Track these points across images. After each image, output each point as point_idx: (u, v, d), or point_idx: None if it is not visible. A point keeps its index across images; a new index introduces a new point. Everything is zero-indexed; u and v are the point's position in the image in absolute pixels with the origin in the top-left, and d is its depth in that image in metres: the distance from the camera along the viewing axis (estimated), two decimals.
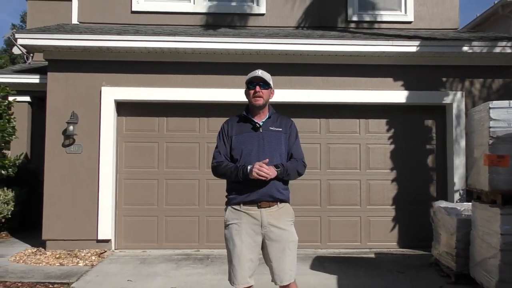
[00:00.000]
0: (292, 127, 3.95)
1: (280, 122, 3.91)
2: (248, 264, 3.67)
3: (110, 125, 8.12)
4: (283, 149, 3.82)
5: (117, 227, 8.25)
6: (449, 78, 8.49)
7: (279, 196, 3.75)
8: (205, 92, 8.25)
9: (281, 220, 3.75)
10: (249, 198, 3.70)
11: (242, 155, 3.75)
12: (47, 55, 8.24)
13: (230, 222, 3.77)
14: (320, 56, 8.28)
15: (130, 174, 8.33)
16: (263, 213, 3.70)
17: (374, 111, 8.55)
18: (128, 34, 8.01)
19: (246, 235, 3.69)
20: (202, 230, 8.30)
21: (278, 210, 3.75)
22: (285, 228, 3.75)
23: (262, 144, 3.77)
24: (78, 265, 7.19)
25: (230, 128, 3.89)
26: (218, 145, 3.90)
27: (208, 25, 9.37)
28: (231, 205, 3.81)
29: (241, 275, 3.66)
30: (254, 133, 3.82)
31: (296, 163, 3.84)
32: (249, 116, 3.87)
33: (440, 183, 8.52)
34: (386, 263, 7.39)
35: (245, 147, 3.77)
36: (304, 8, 9.61)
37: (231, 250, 3.71)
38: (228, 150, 3.84)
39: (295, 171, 3.82)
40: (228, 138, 3.86)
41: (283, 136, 3.85)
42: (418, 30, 9.49)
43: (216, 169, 3.84)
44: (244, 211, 3.72)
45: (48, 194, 8.02)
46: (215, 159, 3.87)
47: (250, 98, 3.84)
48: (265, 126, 3.84)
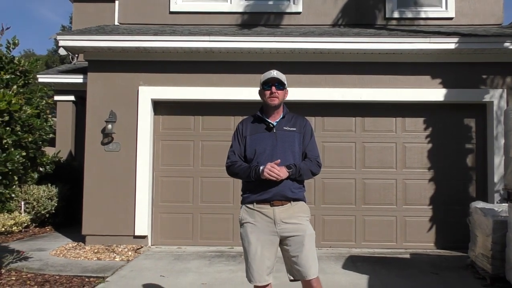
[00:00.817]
0: (307, 127, 3.93)
1: (294, 122, 3.90)
2: (264, 261, 3.67)
3: (147, 123, 8.30)
4: (296, 149, 3.81)
5: (154, 223, 8.43)
6: (489, 76, 8.26)
7: (291, 196, 3.73)
8: (239, 91, 8.31)
9: (295, 216, 3.72)
10: (262, 197, 3.71)
11: (255, 155, 3.77)
12: (87, 56, 8.50)
13: (244, 221, 3.79)
14: (356, 54, 8.21)
15: (166, 172, 8.49)
16: (276, 211, 3.69)
17: (411, 109, 8.41)
18: (164, 35, 8.16)
19: (260, 233, 3.70)
20: (236, 228, 8.32)
21: (291, 208, 3.73)
22: (299, 222, 3.72)
23: (275, 144, 3.77)
24: (115, 260, 7.39)
25: (244, 128, 3.92)
26: (233, 145, 3.94)
27: (244, 24, 9.43)
28: (245, 204, 3.83)
29: (257, 273, 3.67)
30: (268, 133, 3.82)
31: (310, 163, 3.82)
32: (263, 116, 3.89)
33: (479, 183, 8.31)
34: (420, 264, 7.27)
35: (258, 147, 3.78)
36: (341, 6, 9.54)
37: (247, 248, 3.73)
38: (243, 150, 3.87)
39: (308, 171, 3.80)
40: (243, 138, 3.89)
41: (297, 135, 3.84)
42: (459, 26, 9.27)
43: (230, 169, 3.89)
44: (257, 209, 3.73)
45: (87, 190, 8.27)
46: (229, 158, 3.91)
47: (265, 98, 3.85)
48: (279, 126, 3.84)
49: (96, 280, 6.26)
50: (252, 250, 3.69)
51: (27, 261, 7.13)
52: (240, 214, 3.84)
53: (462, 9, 9.47)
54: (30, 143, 5.56)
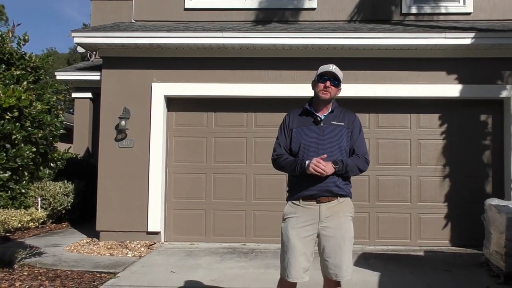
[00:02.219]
0: (356, 122, 3.85)
1: (343, 117, 3.82)
2: (302, 258, 3.64)
3: (160, 120, 8.33)
4: (343, 144, 3.73)
5: (167, 219, 8.46)
6: (507, 71, 8.10)
7: (338, 191, 3.67)
8: (252, 87, 8.30)
9: (340, 215, 3.67)
10: (308, 193, 3.66)
11: (300, 149, 3.72)
12: (102, 53, 8.57)
13: (287, 216, 3.76)
14: (370, 50, 8.13)
15: (179, 168, 8.52)
16: (322, 208, 3.65)
17: (426, 105, 8.30)
18: (177, 31, 8.19)
19: (301, 229, 3.65)
20: (249, 224, 8.37)
21: (338, 205, 3.68)
22: (343, 223, 3.67)
23: (321, 138, 3.71)
24: (127, 256, 7.44)
25: (291, 121, 3.86)
26: (279, 137, 3.88)
27: (258, 21, 9.40)
28: (291, 200, 3.79)
29: (295, 269, 3.63)
30: (315, 127, 3.76)
31: (357, 160, 3.74)
32: (311, 109, 3.83)
33: (496, 180, 8.17)
34: (434, 262, 7.18)
35: (304, 140, 3.73)
36: (357, 1, 9.43)
37: (286, 243, 3.69)
38: (288, 143, 3.81)
39: (355, 168, 3.71)
40: (289, 130, 3.83)
41: (345, 131, 3.76)
42: (477, 21, 9.09)
43: (276, 162, 3.84)
44: (302, 206, 3.69)
45: (101, 186, 8.34)
46: (275, 151, 3.86)
47: (317, 90, 3.79)
48: (327, 120, 3.77)
49: (107, 276, 6.30)
50: (291, 246, 3.64)
51: (41, 256, 7.21)
52: (285, 210, 3.80)
53: (481, 4, 9.29)
54: (40, 139, 5.62)
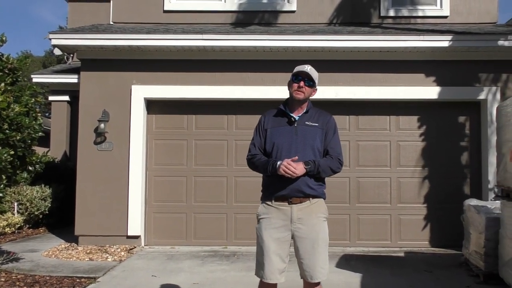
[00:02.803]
0: (330, 123, 3.84)
1: (317, 118, 3.81)
2: (277, 259, 3.62)
3: (140, 123, 8.26)
4: (317, 145, 3.72)
5: (147, 223, 8.38)
6: (483, 74, 8.24)
7: (310, 192, 3.66)
8: (233, 90, 8.28)
9: (313, 216, 3.66)
10: (280, 194, 3.65)
11: (274, 149, 3.72)
12: (80, 55, 8.46)
13: (261, 217, 3.75)
14: (349, 52, 8.18)
15: (159, 171, 8.45)
16: (294, 209, 3.64)
17: (405, 107, 8.38)
18: (157, 33, 8.13)
19: (275, 230, 3.64)
20: (230, 227, 8.34)
21: (309, 206, 3.67)
22: (315, 224, 3.66)
23: (295, 139, 3.71)
24: (107, 261, 7.34)
25: (266, 121, 3.86)
26: (254, 137, 3.88)
27: (238, 23, 9.39)
28: (264, 200, 3.79)
29: (269, 270, 3.62)
30: (288, 127, 3.76)
31: (330, 160, 3.72)
32: (286, 109, 3.82)
33: (474, 181, 8.28)
34: (414, 262, 7.23)
35: (277, 140, 3.73)
36: (336, 5, 9.50)
37: (260, 244, 3.68)
38: (263, 143, 3.81)
39: (328, 169, 3.69)
40: (264, 131, 3.83)
41: (319, 131, 3.75)
42: (454, 24, 9.23)
43: (250, 162, 3.83)
44: (275, 206, 3.68)
45: (80, 190, 8.23)
46: (250, 152, 3.86)
47: (292, 90, 3.78)
48: (301, 121, 3.76)
49: (87, 281, 6.21)
50: (266, 247, 3.63)
51: (18, 262, 7.08)
52: (258, 210, 3.79)
53: (457, 7, 9.43)
54: (18, 142, 5.52)
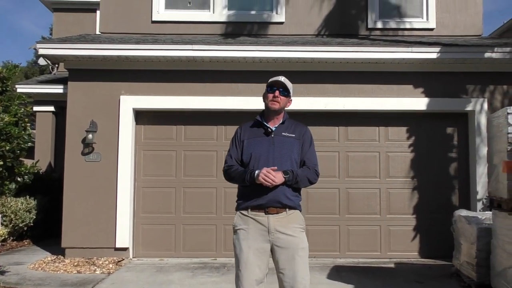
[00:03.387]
0: (306, 134, 3.86)
1: (294, 129, 3.84)
2: (256, 270, 3.59)
3: (129, 133, 8.18)
4: (294, 156, 3.74)
5: (135, 235, 8.28)
6: (471, 85, 8.33)
7: (287, 202, 3.65)
8: (223, 100, 8.26)
9: (290, 227, 3.65)
10: (256, 203, 3.63)
11: (251, 159, 3.71)
12: (68, 65, 8.38)
13: (237, 228, 3.73)
14: (339, 63, 8.21)
15: (148, 182, 8.36)
16: (270, 220, 3.61)
17: (394, 118, 8.42)
18: (146, 43, 8.09)
19: (253, 241, 3.62)
20: (219, 239, 8.27)
21: (286, 217, 3.65)
22: (293, 235, 3.64)
23: (272, 149, 3.71)
24: (95, 273, 7.23)
25: (243, 132, 3.86)
26: (230, 149, 3.88)
27: (227, 34, 9.40)
28: (239, 210, 3.76)
29: (247, 282, 3.58)
30: (265, 138, 3.76)
31: (307, 171, 3.75)
32: (262, 120, 3.83)
33: (462, 192, 8.33)
34: (405, 273, 7.24)
35: (254, 151, 3.72)
36: (324, 16, 9.55)
37: (238, 255, 3.66)
38: (240, 155, 3.81)
39: (305, 179, 3.72)
40: (240, 142, 3.82)
41: (296, 142, 3.78)
42: (440, 37, 9.32)
43: (226, 173, 3.83)
44: (251, 216, 3.65)
45: (67, 202, 8.10)
46: (226, 163, 3.86)
47: (267, 101, 3.80)
48: (278, 131, 3.78)
49: None
50: (244, 258, 3.61)
51: (4, 275, 6.93)
52: (234, 221, 3.78)
53: (443, 20, 9.54)
54: (7, 152, 5.42)
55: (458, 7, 9.53)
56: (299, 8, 9.49)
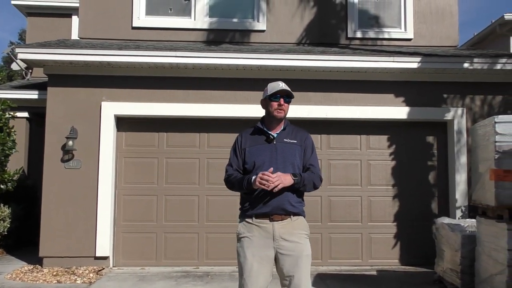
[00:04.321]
0: (308, 140, 3.86)
1: (295, 134, 3.84)
2: (260, 278, 3.57)
3: (110, 140, 8.05)
4: (297, 162, 3.73)
5: (116, 244, 8.13)
6: (450, 95, 8.49)
7: (291, 210, 3.64)
8: (205, 108, 8.21)
9: (294, 234, 3.63)
10: (261, 211, 3.62)
11: (255, 167, 3.68)
12: (47, 70, 8.20)
13: (242, 236, 3.70)
14: (321, 72, 8.26)
15: (129, 190, 8.24)
16: (275, 227, 3.60)
17: (375, 127, 8.52)
18: (129, 49, 7.99)
19: (257, 248, 3.60)
20: (201, 247, 8.19)
21: (291, 223, 3.64)
22: (298, 241, 3.63)
23: (275, 156, 3.69)
24: (76, 283, 7.07)
25: (244, 140, 3.83)
26: (231, 158, 3.85)
27: (209, 41, 9.37)
28: (243, 218, 3.74)
29: None
30: (268, 145, 3.75)
31: (313, 176, 3.75)
32: (263, 128, 3.82)
33: (441, 200, 8.46)
34: (388, 281, 7.30)
35: (257, 159, 3.70)
36: (304, 25, 9.61)
37: (242, 264, 3.63)
38: (241, 163, 3.79)
39: (311, 183, 3.72)
40: (242, 150, 3.80)
41: (298, 148, 3.77)
42: (418, 47, 9.50)
43: (227, 182, 3.81)
44: (256, 224, 3.64)
45: (45, 210, 7.91)
46: (227, 172, 3.83)
47: (272, 109, 3.78)
48: (279, 138, 3.77)
49: None
50: (248, 266, 3.58)
51: None
52: (238, 229, 3.74)
53: (420, 31, 9.72)
54: None
55: (434, 18, 9.73)
56: (280, 17, 9.54)
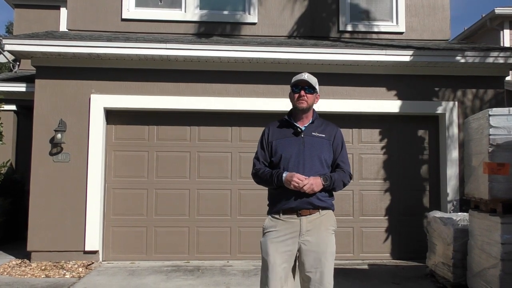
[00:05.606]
0: (337, 135, 3.79)
1: (324, 128, 3.76)
2: (281, 273, 3.53)
3: (99, 133, 7.94)
4: (325, 156, 3.67)
5: (105, 238, 8.04)
6: (441, 88, 8.46)
7: (319, 204, 3.59)
8: (197, 101, 8.12)
9: (322, 229, 3.59)
10: (288, 206, 3.58)
11: (281, 161, 3.64)
12: (35, 62, 8.07)
13: (267, 230, 3.66)
14: (313, 65, 8.18)
15: (119, 183, 8.14)
16: (303, 221, 3.56)
17: (367, 120, 8.48)
18: (118, 41, 7.88)
19: (282, 244, 3.56)
20: (192, 241, 8.12)
21: (319, 218, 3.60)
22: (324, 237, 3.58)
23: (302, 150, 3.64)
24: (65, 277, 6.98)
25: (271, 133, 3.78)
26: (258, 151, 3.81)
27: (199, 34, 9.27)
28: (271, 214, 3.70)
29: (273, 285, 3.52)
30: (295, 138, 3.69)
31: (343, 175, 3.70)
32: (291, 120, 3.76)
33: (433, 194, 8.45)
34: (380, 275, 7.28)
35: (284, 152, 3.65)
36: (296, 18, 9.54)
37: (265, 258, 3.59)
38: (268, 157, 3.74)
39: (341, 183, 3.68)
40: (268, 143, 3.75)
41: (326, 143, 3.71)
42: (409, 40, 9.47)
43: (256, 176, 3.77)
44: (283, 219, 3.60)
45: (34, 203, 7.79)
46: (254, 166, 3.79)
47: (294, 101, 3.74)
48: (307, 131, 3.71)
49: None
50: (271, 261, 3.54)
51: None
52: (265, 223, 3.70)
53: (412, 24, 9.68)
54: None
55: (426, 12, 9.69)
56: (271, 10, 9.46)
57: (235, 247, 8.15)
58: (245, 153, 8.08)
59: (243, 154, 8.17)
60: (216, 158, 8.26)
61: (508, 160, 5.10)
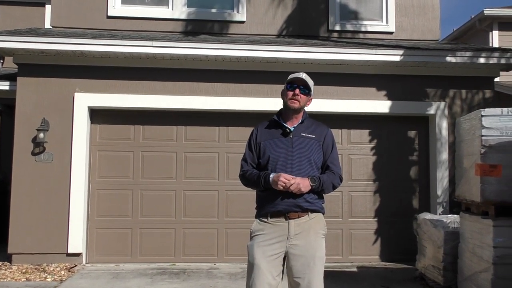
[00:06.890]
0: (328, 136, 3.67)
1: (314, 129, 3.65)
2: (268, 277, 3.40)
3: (83, 133, 7.76)
4: (314, 158, 3.54)
5: (89, 240, 7.85)
6: (432, 89, 8.37)
7: (308, 207, 3.46)
8: (183, 100, 7.97)
9: (311, 232, 3.46)
10: (276, 209, 3.45)
11: (269, 162, 3.52)
12: (17, 59, 7.86)
13: (254, 234, 3.54)
14: (302, 64, 8.06)
15: (103, 184, 7.95)
16: (291, 225, 3.43)
17: (356, 121, 8.37)
18: (104, 38, 7.71)
19: (268, 247, 3.43)
20: (178, 243, 7.96)
21: (308, 221, 3.47)
22: (312, 242, 3.45)
23: (290, 151, 3.52)
24: (46, 281, 6.79)
25: (259, 134, 3.67)
26: (246, 153, 3.69)
27: (187, 32, 9.11)
28: (259, 217, 3.57)
29: None
30: (283, 139, 3.57)
31: (332, 176, 3.57)
32: (280, 120, 3.64)
33: (423, 195, 8.36)
34: (369, 277, 7.16)
35: (272, 153, 3.53)
36: (285, 17, 9.42)
37: (251, 262, 3.47)
38: (256, 158, 3.63)
39: (330, 186, 3.55)
40: (256, 144, 3.64)
41: (316, 143, 3.59)
42: (399, 40, 9.38)
43: (243, 179, 3.66)
44: (271, 223, 3.47)
45: (15, 205, 7.59)
46: (242, 168, 3.67)
47: (286, 99, 3.61)
48: (296, 132, 3.59)
49: None
50: (256, 266, 3.41)
51: None
52: (252, 226, 3.57)
53: (402, 24, 9.60)
54: None
55: (416, 12, 9.61)
56: (260, 8, 9.33)
57: (222, 249, 8.00)
58: (233, 153, 7.93)
59: (231, 155, 8.02)
60: (203, 158, 8.10)
61: (501, 162, 5.00)
